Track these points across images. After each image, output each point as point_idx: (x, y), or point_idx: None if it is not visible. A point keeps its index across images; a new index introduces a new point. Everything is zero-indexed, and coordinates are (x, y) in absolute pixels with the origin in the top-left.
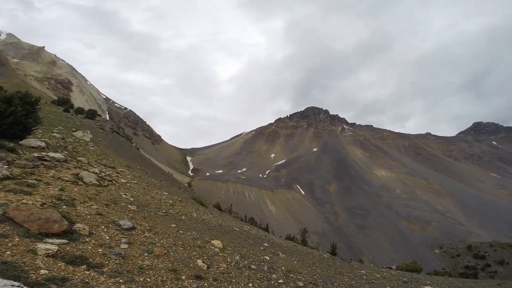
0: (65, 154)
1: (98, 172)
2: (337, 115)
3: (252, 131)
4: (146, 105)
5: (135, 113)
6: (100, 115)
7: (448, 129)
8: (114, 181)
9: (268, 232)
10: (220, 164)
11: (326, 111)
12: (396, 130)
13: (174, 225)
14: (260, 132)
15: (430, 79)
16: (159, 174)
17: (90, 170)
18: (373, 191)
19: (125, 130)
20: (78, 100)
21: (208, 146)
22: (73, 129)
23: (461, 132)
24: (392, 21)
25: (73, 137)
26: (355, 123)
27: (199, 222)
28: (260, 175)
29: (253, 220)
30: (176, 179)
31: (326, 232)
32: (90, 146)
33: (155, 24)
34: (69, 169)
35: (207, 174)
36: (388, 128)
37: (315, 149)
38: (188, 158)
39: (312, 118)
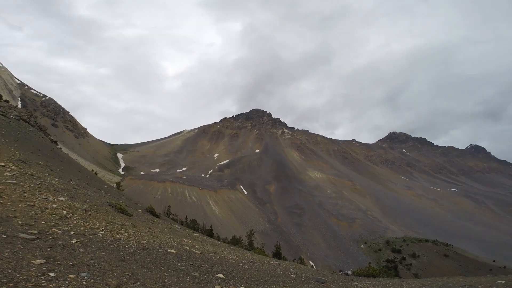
0: None
1: None
2: (279, 118)
3: (195, 129)
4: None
5: (56, 102)
6: (7, 101)
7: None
8: None
9: (213, 235)
10: (157, 162)
11: (269, 114)
12: (328, 136)
13: (41, 261)
14: (203, 130)
15: (358, 93)
16: (73, 172)
17: None
18: (307, 191)
19: (41, 119)
20: None
21: (144, 142)
22: None
23: (379, 140)
24: (337, 36)
25: None
26: (293, 127)
27: (102, 249)
28: (203, 175)
29: (195, 222)
30: (101, 179)
31: (268, 231)
32: None
33: (104, 10)
34: None
35: (141, 173)
36: (321, 134)
37: (257, 150)
38: (119, 155)
39: (256, 120)
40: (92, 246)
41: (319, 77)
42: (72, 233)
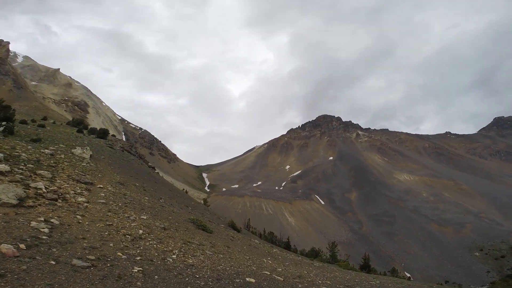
0: (27, 168)
1: (42, 187)
2: (350, 121)
3: (264, 144)
4: (163, 125)
5: (150, 133)
6: (114, 135)
7: (466, 128)
8: (61, 200)
9: (291, 248)
10: (235, 178)
11: (339, 118)
12: (413, 132)
13: None
14: (272, 144)
15: (438, 81)
16: (165, 191)
17: (29, 185)
18: (396, 196)
19: (140, 149)
20: (95, 121)
21: (223, 162)
22: (74, 147)
23: (483, 129)
24: (392, 27)
25: (70, 154)
26: (369, 128)
27: (166, 281)
28: (276, 188)
29: (273, 235)
30: (190, 196)
31: (351, 241)
32: (85, 162)
33: (168, 45)
34: None
35: (223, 189)
36: (404, 131)
37: (331, 158)
38: (204, 175)
39: (324, 126)
40: (156, 277)
41: (386, 72)
42: (138, 258)
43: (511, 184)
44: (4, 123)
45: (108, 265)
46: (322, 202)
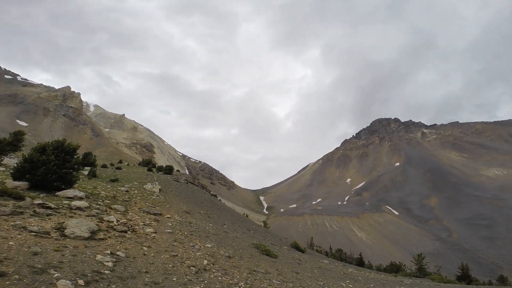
0: (104, 204)
1: (113, 220)
2: (411, 120)
3: (319, 160)
4: (220, 156)
5: (208, 165)
6: (178, 170)
7: None
8: (130, 232)
9: (364, 264)
10: (292, 198)
11: (396, 120)
12: (490, 120)
13: None
14: (327, 159)
15: (497, 61)
16: (227, 216)
17: (103, 218)
18: (490, 195)
19: (202, 180)
20: (161, 160)
21: (278, 183)
22: (145, 183)
23: None
24: (420, 18)
25: (142, 189)
26: (435, 124)
27: None
28: (339, 203)
29: (342, 252)
30: (250, 220)
31: (439, 251)
32: (155, 195)
33: (211, 80)
34: (73, 217)
35: (281, 210)
36: (478, 120)
37: (397, 164)
38: (261, 198)
39: (382, 131)
40: None
41: (434, 63)
42: None
43: None
44: (88, 168)
45: None
46: (396, 213)
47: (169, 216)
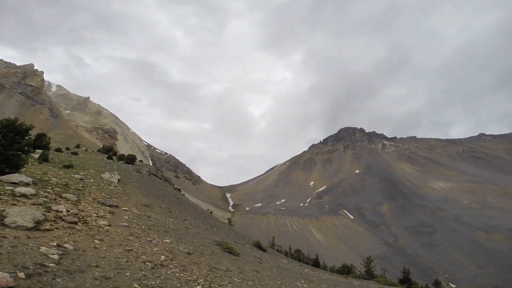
0: (54, 191)
1: (63, 210)
2: (374, 131)
3: (286, 161)
4: (189, 150)
5: (175, 158)
6: (141, 161)
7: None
8: (81, 223)
9: (320, 265)
10: (258, 197)
11: (362, 130)
12: (443, 138)
13: None
14: (294, 161)
15: (461, 84)
16: (190, 212)
17: (51, 208)
18: (433, 206)
19: (166, 173)
20: (123, 148)
21: (245, 181)
22: (103, 172)
23: None
24: (403, 35)
25: (99, 179)
26: (395, 137)
27: None
28: (301, 204)
29: (300, 252)
30: (214, 216)
31: (386, 255)
32: (113, 186)
33: (191, 73)
34: (15, 204)
35: (247, 208)
36: (432, 137)
37: (357, 171)
38: (228, 195)
39: (347, 139)
40: None
41: (405, 80)
42: None
43: None
44: (40, 151)
45: None
46: (352, 217)
47: (126, 208)
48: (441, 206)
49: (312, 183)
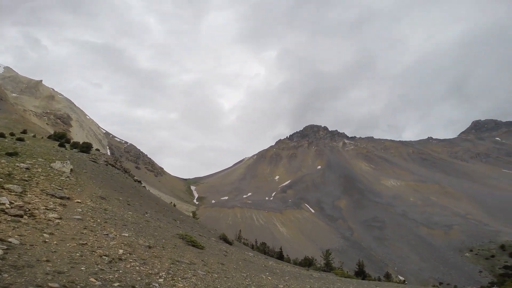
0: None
1: (6, 202)
2: (337, 130)
3: (253, 155)
4: (152, 140)
5: (136, 147)
6: (98, 149)
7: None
8: (27, 216)
9: (283, 257)
10: (225, 190)
11: (325, 128)
12: (397, 140)
13: None
14: (262, 155)
15: (417, 91)
16: (152, 205)
17: None
18: (385, 202)
19: (125, 163)
20: (78, 135)
21: (211, 174)
22: (54, 161)
23: (462, 133)
24: (372, 40)
25: (49, 168)
26: (355, 137)
27: None
28: (267, 198)
29: (265, 245)
30: (178, 210)
31: (343, 248)
32: (64, 176)
33: (161, 60)
34: None
35: (213, 201)
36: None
37: (319, 167)
38: (192, 188)
39: (312, 136)
40: None
41: (368, 83)
42: (116, 284)
43: (494, 185)
44: None
45: None
46: (313, 211)
47: (79, 201)
48: (392, 203)
49: (277, 177)
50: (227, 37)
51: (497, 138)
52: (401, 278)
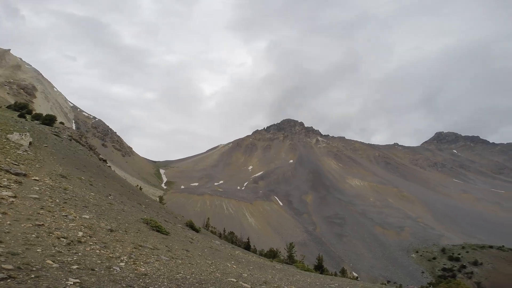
0: None
1: None
2: (312, 127)
3: (229, 143)
4: (125, 118)
5: (104, 123)
6: (62, 123)
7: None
8: None
9: (250, 248)
10: (195, 176)
11: (302, 123)
12: (366, 142)
13: None
14: (237, 144)
15: (392, 98)
16: (116, 187)
17: None
18: (347, 200)
19: (92, 140)
20: (42, 107)
21: (183, 158)
22: (11, 132)
23: (425, 142)
24: (361, 43)
25: (4, 140)
26: (328, 135)
27: None
28: (238, 187)
29: (233, 235)
30: (144, 193)
31: (306, 242)
32: (21, 150)
33: (146, 39)
34: None
35: (182, 187)
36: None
37: (291, 161)
38: (162, 171)
39: (288, 130)
40: None
41: (348, 85)
42: (75, 267)
43: (445, 193)
44: None
45: (33, 276)
46: (281, 203)
47: (37, 178)
48: (353, 201)
49: (250, 167)
50: (219, 23)
51: (454, 151)
52: (355, 274)
